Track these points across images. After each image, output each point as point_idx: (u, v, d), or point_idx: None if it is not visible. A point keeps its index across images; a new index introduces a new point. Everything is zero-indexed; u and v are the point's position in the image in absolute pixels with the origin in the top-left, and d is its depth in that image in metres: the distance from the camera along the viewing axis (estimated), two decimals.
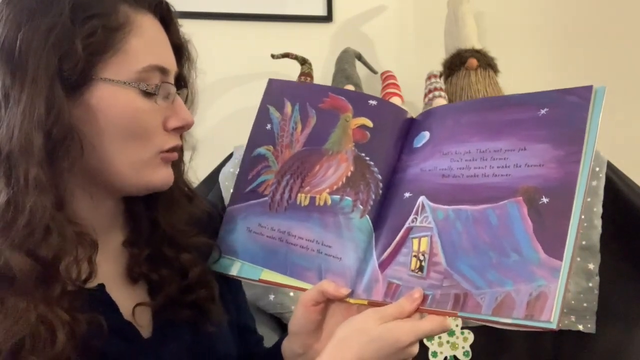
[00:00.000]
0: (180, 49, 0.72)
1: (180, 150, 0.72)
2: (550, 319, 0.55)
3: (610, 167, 1.45)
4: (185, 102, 0.73)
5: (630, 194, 1.43)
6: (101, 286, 0.67)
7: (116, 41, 0.63)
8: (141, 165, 0.66)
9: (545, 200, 0.60)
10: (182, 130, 0.70)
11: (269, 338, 0.89)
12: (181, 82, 0.73)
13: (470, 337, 1.41)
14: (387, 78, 1.57)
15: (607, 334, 1.41)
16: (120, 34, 0.63)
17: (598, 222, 1.41)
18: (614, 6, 1.74)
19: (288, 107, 0.80)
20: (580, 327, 1.41)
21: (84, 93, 0.62)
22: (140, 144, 0.65)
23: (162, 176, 0.68)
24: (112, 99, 0.63)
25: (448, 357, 1.41)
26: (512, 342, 1.42)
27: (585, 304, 1.41)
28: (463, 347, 1.41)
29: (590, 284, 1.41)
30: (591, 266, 1.41)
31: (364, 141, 0.74)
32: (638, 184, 1.46)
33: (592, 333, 1.41)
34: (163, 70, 0.66)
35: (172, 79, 0.68)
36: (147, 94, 0.65)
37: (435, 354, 1.41)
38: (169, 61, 0.68)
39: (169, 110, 0.68)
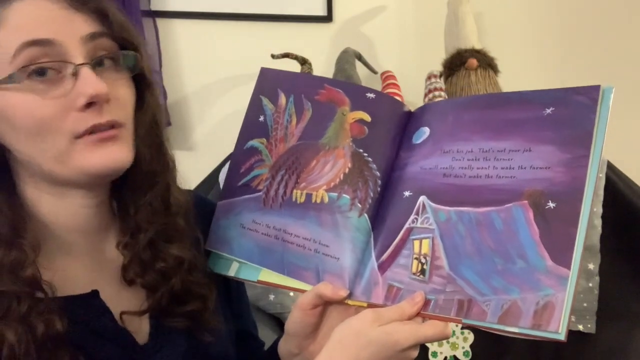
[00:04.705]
0: (99, 14, 0.63)
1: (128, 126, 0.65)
2: (558, 329, 0.54)
3: (610, 167, 1.45)
4: (137, 64, 0.66)
5: (630, 194, 1.43)
6: (95, 292, 0.65)
7: None
8: (64, 155, 0.61)
9: (551, 205, 0.58)
10: (96, 105, 0.60)
11: (269, 338, 0.89)
12: (123, 45, 0.65)
13: (470, 337, 1.41)
14: (387, 78, 1.57)
15: (607, 334, 1.41)
16: None
17: (598, 222, 1.41)
18: (614, 6, 1.74)
19: (282, 99, 0.77)
20: (580, 327, 1.41)
21: None
22: (50, 135, 0.60)
23: (97, 160, 0.61)
24: (5, 102, 0.59)
25: (448, 357, 1.41)
26: (512, 342, 1.42)
27: (585, 304, 1.41)
28: (463, 347, 1.41)
29: (590, 284, 1.41)
30: (591, 266, 1.41)
31: (362, 136, 0.72)
32: (638, 184, 1.46)
33: (592, 333, 1.41)
34: (44, 44, 0.59)
35: (72, 51, 0.60)
36: (37, 81, 0.59)
37: (435, 354, 1.41)
38: (52, 30, 0.59)
39: (74, 88, 0.60)
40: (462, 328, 1.41)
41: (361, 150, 0.71)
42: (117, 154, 0.62)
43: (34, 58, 0.59)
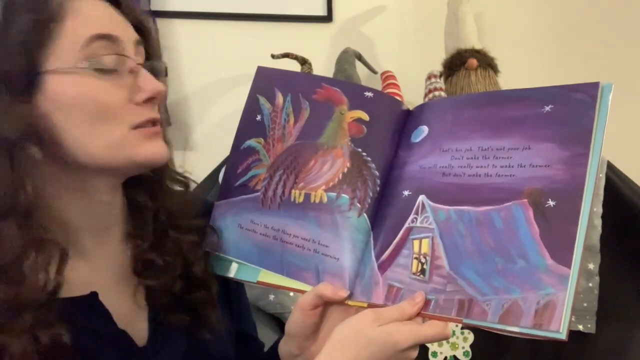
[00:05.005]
0: (138, 25, 0.69)
1: (162, 124, 0.70)
2: (560, 329, 0.54)
3: (610, 167, 1.45)
4: (160, 73, 0.70)
5: (630, 194, 1.43)
6: (94, 294, 0.65)
7: (52, 30, 0.61)
8: (119, 144, 0.64)
9: (551, 203, 0.58)
10: (154, 101, 0.66)
11: (269, 338, 0.88)
12: (150, 54, 0.70)
13: (470, 337, 1.41)
14: (387, 78, 1.57)
15: (607, 334, 1.41)
16: (54, 23, 0.61)
17: (598, 222, 1.41)
18: (614, 6, 1.74)
19: (279, 98, 0.77)
20: (580, 327, 1.41)
21: (38, 91, 0.61)
22: (109, 123, 0.63)
23: (149, 151, 0.65)
24: (67, 87, 0.61)
25: (448, 357, 1.41)
26: (512, 342, 1.42)
27: (585, 304, 1.41)
28: (463, 347, 1.41)
29: (590, 284, 1.41)
30: (591, 266, 1.41)
31: (360, 136, 0.71)
32: (638, 184, 1.46)
33: (592, 333, 1.41)
34: (110, 39, 0.63)
35: (129, 51, 0.65)
36: (102, 72, 0.62)
37: (435, 354, 1.41)
38: (116, 28, 0.65)
39: (135, 83, 0.65)
40: (462, 328, 1.41)
41: (360, 150, 0.71)
42: (164, 149, 0.67)
43: (101, 51, 0.63)
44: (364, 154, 0.71)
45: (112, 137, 0.63)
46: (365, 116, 0.72)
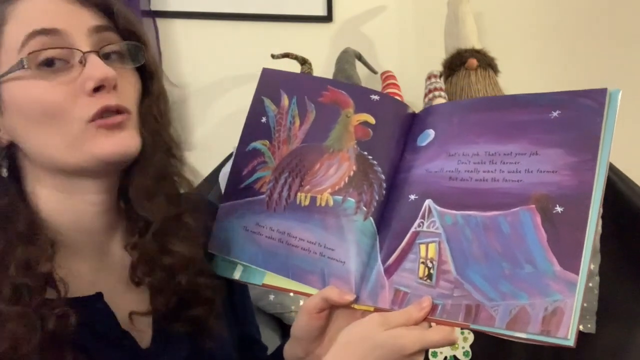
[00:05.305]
0: (104, 9, 0.65)
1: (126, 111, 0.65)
2: (568, 335, 0.53)
3: (610, 167, 1.44)
4: (142, 55, 0.67)
5: (630, 194, 1.43)
6: (99, 294, 0.65)
7: None
8: (76, 141, 0.61)
9: (559, 209, 0.57)
10: (104, 89, 0.62)
11: (269, 338, 0.88)
12: (125, 36, 0.67)
13: (470, 337, 1.41)
14: (387, 78, 1.57)
15: (607, 334, 1.41)
16: None
17: (598, 222, 1.41)
18: (614, 6, 1.75)
19: (285, 100, 0.76)
20: (581, 327, 1.39)
21: (2, 102, 0.61)
22: (61, 121, 0.61)
23: (106, 146, 0.62)
24: (15, 92, 0.61)
25: (448, 357, 1.41)
26: (512, 342, 1.41)
27: (585, 304, 1.41)
28: (463, 347, 1.41)
29: (590, 284, 1.41)
30: (591, 266, 1.41)
31: (366, 139, 0.71)
32: (638, 184, 1.46)
33: (592, 333, 1.41)
34: (49, 33, 0.60)
35: (78, 41, 0.62)
36: (45, 69, 0.60)
37: (435, 354, 1.42)
38: (58, 21, 0.61)
39: (83, 73, 0.61)
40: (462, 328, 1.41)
41: (366, 153, 0.71)
42: (127, 141, 0.63)
43: (41, 47, 0.60)
44: (370, 157, 0.70)
45: (67, 136, 0.61)
46: (371, 119, 0.72)
